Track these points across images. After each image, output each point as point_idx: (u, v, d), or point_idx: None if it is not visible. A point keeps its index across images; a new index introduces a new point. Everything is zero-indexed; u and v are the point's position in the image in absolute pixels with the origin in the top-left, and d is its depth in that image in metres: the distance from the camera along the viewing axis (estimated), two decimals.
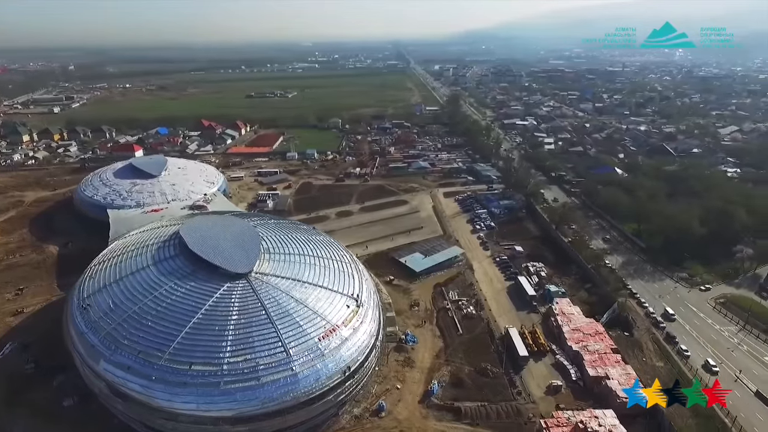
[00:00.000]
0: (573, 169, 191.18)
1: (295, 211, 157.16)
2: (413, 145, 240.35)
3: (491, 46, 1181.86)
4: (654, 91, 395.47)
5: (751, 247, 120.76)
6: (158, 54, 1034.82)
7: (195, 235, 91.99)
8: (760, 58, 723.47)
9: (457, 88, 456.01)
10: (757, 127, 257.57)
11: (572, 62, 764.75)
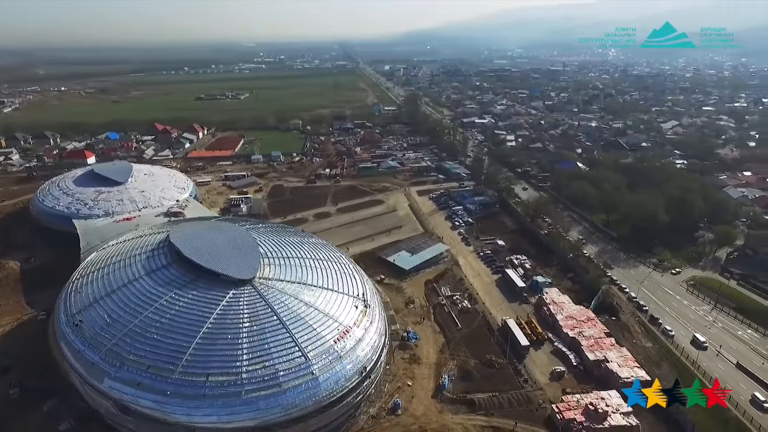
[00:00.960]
0: (537, 164, 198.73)
1: (271, 215, 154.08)
2: (378, 145, 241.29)
3: (436, 46, 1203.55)
4: (596, 89, 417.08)
5: (711, 232, 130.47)
6: (89, 55, 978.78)
7: (188, 243, 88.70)
8: (683, 58, 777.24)
9: (410, 88, 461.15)
10: (693, 121, 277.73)
11: (515, 62, 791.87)
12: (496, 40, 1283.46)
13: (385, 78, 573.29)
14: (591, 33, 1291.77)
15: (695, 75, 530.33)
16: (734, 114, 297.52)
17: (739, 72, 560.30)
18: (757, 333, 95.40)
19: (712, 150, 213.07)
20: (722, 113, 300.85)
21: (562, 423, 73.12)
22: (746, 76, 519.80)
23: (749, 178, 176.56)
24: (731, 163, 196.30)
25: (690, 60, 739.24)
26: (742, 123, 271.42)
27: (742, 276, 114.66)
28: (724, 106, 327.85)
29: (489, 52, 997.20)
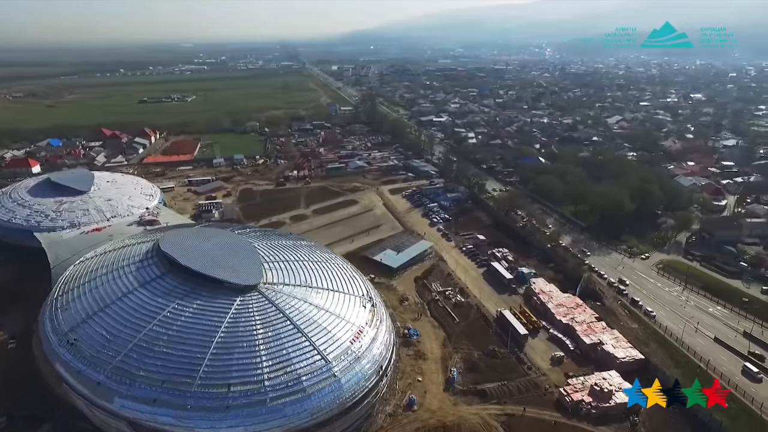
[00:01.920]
0: (500, 160, 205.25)
1: (245, 219, 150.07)
2: (341, 145, 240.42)
3: (379, 46, 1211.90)
4: (540, 86, 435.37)
5: (671, 218, 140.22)
6: (8, 57, 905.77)
7: (181, 251, 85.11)
8: (613, 57, 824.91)
9: (361, 87, 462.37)
10: (635, 116, 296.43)
11: (459, 61, 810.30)
12: (438, 40, 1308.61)
13: (334, 78, 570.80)
14: (529, 33, 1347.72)
15: (627, 73, 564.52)
16: (668, 108, 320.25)
17: (664, 70, 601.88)
18: (725, 309, 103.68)
19: (657, 142, 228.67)
20: (658, 108, 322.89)
21: (572, 405, 76.62)
22: (671, 73, 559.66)
23: (693, 167, 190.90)
24: (675, 154, 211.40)
25: (620, 58, 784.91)
26: (677, 117, 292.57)
27: (703, 257, 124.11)
28: (658, 101, 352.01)
29: (432, 52, 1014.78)
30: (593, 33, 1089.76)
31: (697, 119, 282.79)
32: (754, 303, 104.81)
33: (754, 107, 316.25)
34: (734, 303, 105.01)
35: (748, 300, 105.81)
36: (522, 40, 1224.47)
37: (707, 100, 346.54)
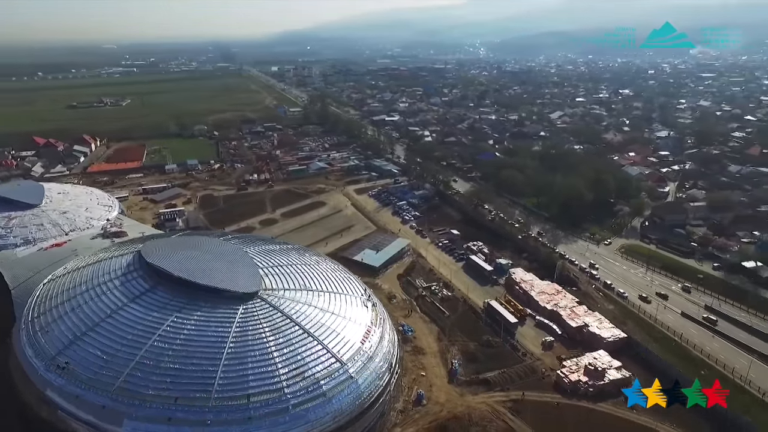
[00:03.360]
0: (459, 157, 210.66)
1: (213, 226, 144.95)
2: (298, 147, 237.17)
3: (316, 47, 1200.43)
4: (482, 84, 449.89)
5: (626, 206, 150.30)
6: None
7: (170, 261, 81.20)
8: (543, 55, 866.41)
9: (306, 88, 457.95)
10: (574, 111, 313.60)
11: (398, 61, 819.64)
12: (375, 40, 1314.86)
13: (276, 79, 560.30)
14: (460, 33, 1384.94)
15: (558, 71, 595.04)
16: (602, 104, 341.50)
17: (591, 67, 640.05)
18: (683, 285, 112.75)
19: (599, 135, 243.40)
20: (593, 103, 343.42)
21: (570, 385, 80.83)
22: (599, 70, 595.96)
23: (635, 158, 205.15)
24: (616, 146, 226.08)
25: (549, 57, 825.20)
26: (612, 111, 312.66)
27: (658, 240, 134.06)
28: (592, 97, 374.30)
29: (370, 52, 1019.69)
30: (519, 34, 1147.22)
31: (629, 113, 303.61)
32: (709, 279, 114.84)
33: (675, 101, 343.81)
34: (692, 280, 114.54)
35: (703, 276, 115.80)
36: (455, 39, 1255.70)
37: (634, 95, 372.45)
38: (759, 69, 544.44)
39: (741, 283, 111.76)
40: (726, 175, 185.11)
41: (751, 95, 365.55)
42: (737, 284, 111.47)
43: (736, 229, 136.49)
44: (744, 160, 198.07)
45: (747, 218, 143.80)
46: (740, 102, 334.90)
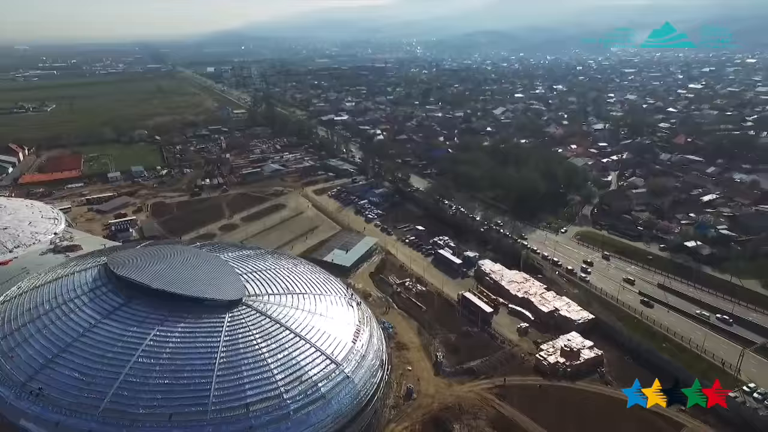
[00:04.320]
0: (412, 154, 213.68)
1: (170, 234, 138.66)
2: (248, 150, 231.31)
3: (251, 47, 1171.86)
4: (424, 83, 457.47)
5: (576, 195, 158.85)
6: None
7: (144, 274, 77.40)
8: (477, 53, 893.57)
9: (247, 89, 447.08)
10: (515, 106, 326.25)
11: (337, 60, 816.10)
12: (311, 40, 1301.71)
13: (213, 80, 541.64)
14: (396, 33, 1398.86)
15: (494, 68, 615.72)
16: (540, 99, 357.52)
17: (524, 64, 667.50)
18: (638, 267, 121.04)
19: (541, 129, 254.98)
20: (531, 99, 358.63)
21: (549, 367, 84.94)
22: (532, 67, 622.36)
23: (577, 149, 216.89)
24: (559, 139, 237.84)
25: (483, 55, 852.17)
26: (550, 106, 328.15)
27: (609, 226, 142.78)
28: (529, 93, 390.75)
29: (308, 52, 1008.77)
30: (454, 32, 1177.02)
31: (566, 107, 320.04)
32: (658, 259, 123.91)
33: (605, 95, 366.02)
34: (643, 261, 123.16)
35: (652, 257, 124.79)
36: (392, 39, 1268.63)
37: (568, 91, 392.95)
38: (672, 64, 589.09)
39: (685, 261, 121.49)
40: (658, 163, 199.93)
41: (669, 89, 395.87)
42: (682, 262, 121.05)
43: (675, 212, 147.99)
44: (672, 149, 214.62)
45: (683, 202, 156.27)
46: (661, 95, 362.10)
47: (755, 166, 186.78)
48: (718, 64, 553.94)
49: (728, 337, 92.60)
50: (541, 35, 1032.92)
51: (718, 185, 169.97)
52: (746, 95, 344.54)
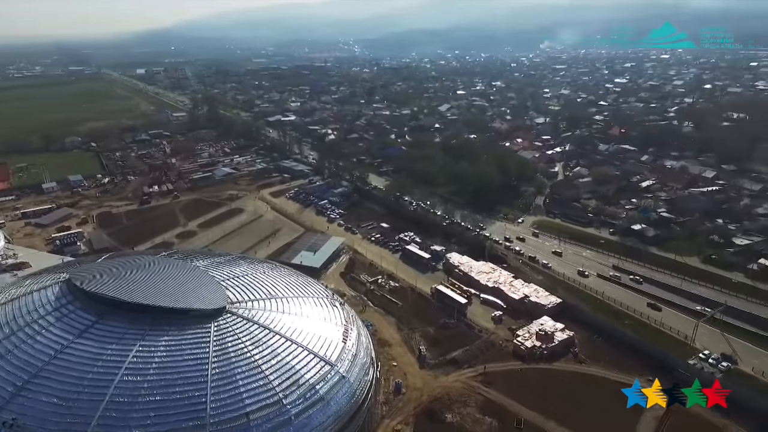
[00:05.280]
0: (366, 152, 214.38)
1: (122, 246, 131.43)
2: (195, 154, 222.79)
3: (182, 47, 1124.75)
4: (367, 81, 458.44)
5: (529, 186, 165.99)
6: None
7: (116, 288, 73.26)
8: (415, 52, 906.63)
9: (184, 91, 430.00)
10: (459, 103, 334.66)
11: (274, 60, 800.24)
12: (244, 40, 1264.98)
13: (145, 83, 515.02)
14: (329, 31, 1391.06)
15: (433, 66, 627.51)
16: (481, 95, 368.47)
17: (461, 62, 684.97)
18: (592, 251, 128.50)
19: (487, 125, 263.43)
20: (473, 96, 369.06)
21: (527, 351, 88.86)
22: (469, 64, 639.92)
23: (523, 143, 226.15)
24: (504, 133, 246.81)
25: (420, 53, 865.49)
26: (492, 102, 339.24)
27: (562, 214, 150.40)
28: (471, 90, 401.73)
29: (242, 52, 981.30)
30: (390, 31, 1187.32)
31: (507, 103, 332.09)
32: (609, 243, 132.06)
33: (541, 90, 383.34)
34: (596, 245, 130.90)
35: (604, 241, 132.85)
36: (328, 38, 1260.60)
37: (506, 87, 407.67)
38: (597, 60, 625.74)
39: (633, 243, 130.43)
40: (598, 153, 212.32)
41: (597, 83, 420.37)
42: (631, 245, 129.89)
43: (619, 199, 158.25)
44: (608, 140, 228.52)
45: (624, 188, 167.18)
46: (592, 89, 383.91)
47: (682, 153, 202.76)
48: (637, 60, 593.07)
49: (681, 311, 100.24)
50: (473, 34, 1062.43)
51: (653, 172, 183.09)
52: (665, 88, 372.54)
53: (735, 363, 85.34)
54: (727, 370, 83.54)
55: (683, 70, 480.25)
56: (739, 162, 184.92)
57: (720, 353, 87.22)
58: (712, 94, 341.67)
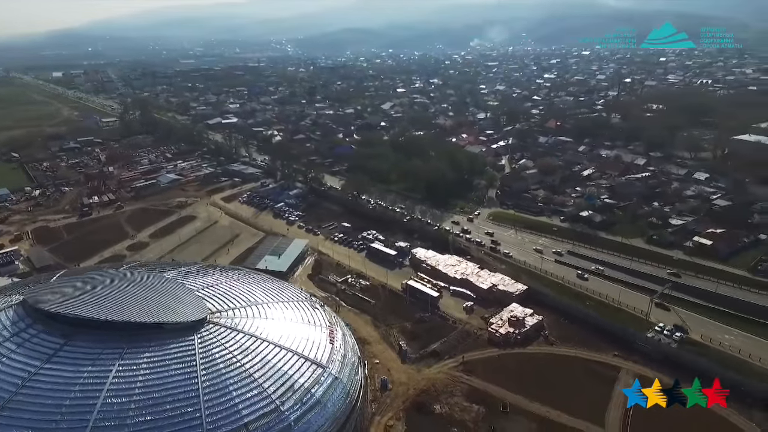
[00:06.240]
0: (316, 152, 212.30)
1: (67, 262, 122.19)
2: (135, 161, 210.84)
3: (99, 48, 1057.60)
4: (305, 81, 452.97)
5: (481, 180, 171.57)
6: None
7: (84, 306, 68.56)
8: (349, 51, 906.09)
9: (111, 95, 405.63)
10: (401, 101, 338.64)
11: (204, 60, 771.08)
12: (169, 40, 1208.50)
13: (64, 86, 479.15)
14: (259, 31, 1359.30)
15: (370, 64, 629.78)
16: (421, 93, 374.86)
17: (396, 60, 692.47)
18: (547, 238, 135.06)
19: (431, 121, 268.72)
20: (413, 93, 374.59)
21: (502, 338, 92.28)
22: (404, 62, 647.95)
23: (468, 138, 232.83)
24: (449, 129, 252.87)
25: (355, 52, 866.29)
26: (432, 99, 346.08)
27: (515, 205, 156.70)
28: (410, 87, 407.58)
29: (168, 53, 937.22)
30: (321, 30, 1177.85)
31: (447, 99, 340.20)
32: (561, 230, 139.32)
33: (478, 87, 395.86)
34: (550, 233, 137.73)
35: (556, 228, 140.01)
36: (257, 37, 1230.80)
37: (444, 84, 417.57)
38: (525, 57, 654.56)
39: (583, 229, 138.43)
40: (539, 145, 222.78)
41: (529, 79, 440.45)
42: (581, 230, 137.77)
43: (565, 187, 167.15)
44: (547, 132, 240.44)
45: (568, 178, 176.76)
46: (524, 85, 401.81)
47: (614, 143, 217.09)
48: (561, 57, 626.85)
49: (634, 289, 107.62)
50: (405, 32, 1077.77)
51: (591, 161, 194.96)
52: (591, 82, 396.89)
53: (686, 333, 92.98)
54: (681, 339, 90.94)
55: (604, 65, 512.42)
56: (664, 149, 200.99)
57: (673, 324, 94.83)
58: (632, 87, 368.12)
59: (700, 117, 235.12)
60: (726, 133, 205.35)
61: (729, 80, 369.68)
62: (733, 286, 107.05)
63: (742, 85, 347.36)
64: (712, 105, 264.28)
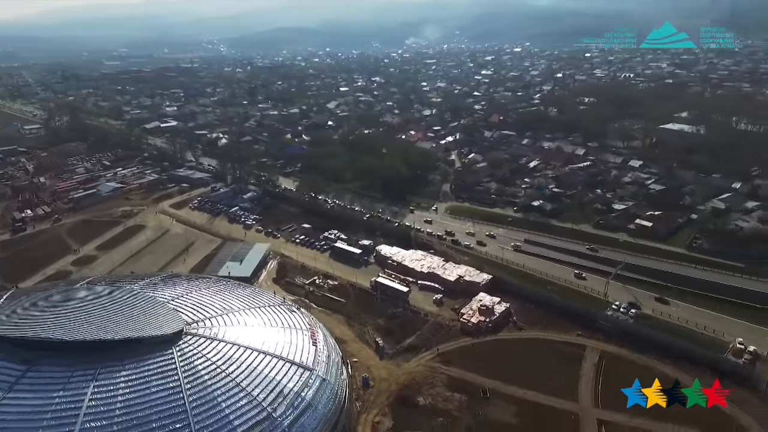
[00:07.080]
0: (266, 154, 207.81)
1: (5, 282, 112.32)
2: (68, 170, 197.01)
3: (9, 49, 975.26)
4: (243, 81, 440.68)
5: (435, 175, 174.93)
6: None
7: (44, 327, 64.02)
8: (285, 50, 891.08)
9: (30, 100, 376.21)
10: (346, 99, 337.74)
11: (130, 62, 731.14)
12: (90, 40, 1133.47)
13: None
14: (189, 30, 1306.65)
15: (308, 63, 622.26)
16: (364, 91, 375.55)
17: (335, 59, 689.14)
18: (502, 229, 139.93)
19: (378, 119, 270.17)
20: (356, 92, 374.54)
21: (474, 327, 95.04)
22: (343, 61, 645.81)
23: (417, 135, 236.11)
24: (397, 126, 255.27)
25: (291, 51, 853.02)
26: (377, 97, 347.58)
27: (469, 198, 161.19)
28: (353, 86, 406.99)
29: (90, 54, 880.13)
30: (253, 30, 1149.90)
31: (391, 97, 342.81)
32: (515, 220, 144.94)
33: (419, 84, 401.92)
34: (505, 223, 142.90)
35: (511, 219, 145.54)
36: (188, 37, 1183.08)
37: (386, 82, 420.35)
38: (461, 54, 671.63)
39: (536, 218, 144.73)
40: (485, 140, 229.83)
41: (467, 76, 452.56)
42: (534, 219, 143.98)
43: (515, 179, 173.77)
44: (491, 127, 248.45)
45: (516, 170, 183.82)
46: (464, 81, 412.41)
47: (554, 135, 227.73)
48: (495, 54, 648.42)
49: (593, 273, 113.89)
50: (341, 31, 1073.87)
51: (536, 153, 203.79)
52: (526, 78, 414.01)
53: (639, 308, 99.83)
54: (636, 315, 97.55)
55: (535, 61, 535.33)
56: (599, 139, 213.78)
57: (627, 302, 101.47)
58: (564, 81, 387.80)
59: (626, 109, 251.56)
60: (652, 123, 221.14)
61: (647, 74, 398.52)
62: (673, 263, 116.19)
63: (660, 78, 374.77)
64: (636, 97, 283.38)
